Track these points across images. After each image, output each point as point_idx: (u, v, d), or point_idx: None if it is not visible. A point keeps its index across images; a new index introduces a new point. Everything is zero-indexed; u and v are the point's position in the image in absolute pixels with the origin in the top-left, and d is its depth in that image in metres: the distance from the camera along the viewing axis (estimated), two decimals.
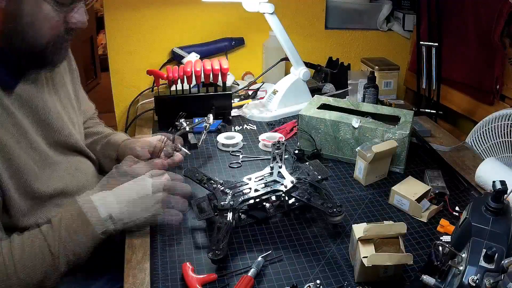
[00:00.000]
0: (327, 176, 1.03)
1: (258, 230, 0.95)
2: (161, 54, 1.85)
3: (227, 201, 0.91)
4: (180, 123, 1.28)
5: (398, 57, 1.98)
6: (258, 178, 1.00)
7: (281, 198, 0.98)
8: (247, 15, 1.54)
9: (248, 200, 0.94)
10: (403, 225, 0.79)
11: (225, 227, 0.86)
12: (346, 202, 1.05)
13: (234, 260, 0.86)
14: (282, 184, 0.96)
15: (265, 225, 0.96)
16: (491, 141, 1.32)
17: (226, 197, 0.93)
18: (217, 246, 0.82)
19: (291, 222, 0.97)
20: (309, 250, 0.89)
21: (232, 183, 0.99)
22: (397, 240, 0.78)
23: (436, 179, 1.09)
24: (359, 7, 1.99)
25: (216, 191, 0.95)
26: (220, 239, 0.84)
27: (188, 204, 0.95)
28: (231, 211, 0.90)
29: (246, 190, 0.96)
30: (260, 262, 0.83)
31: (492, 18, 1.43)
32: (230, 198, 0.92)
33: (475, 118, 1.56)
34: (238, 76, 1.89)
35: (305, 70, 1.56)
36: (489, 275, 0.63)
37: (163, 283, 0.80)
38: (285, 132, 1.39)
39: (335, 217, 0.89)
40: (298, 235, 0.93)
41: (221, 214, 0.90)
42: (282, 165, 1.02)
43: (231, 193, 0.94)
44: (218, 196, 0.94)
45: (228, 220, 0.88)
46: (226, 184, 0.98)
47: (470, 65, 1.59)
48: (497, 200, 0.68)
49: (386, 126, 1.17)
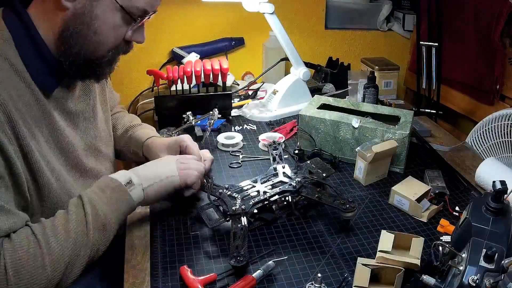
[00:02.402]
0: (332, 173, 1.03)
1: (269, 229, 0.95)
2: (161, 54, 1.85)
3: (238, 206, 0.90)
4: (187, 115, 1.31)
5: (398, 57, 1.98)
6: (264, 180, 0.99)
7: (286, 198, 0.97)
8: (247, 15, 1.54)
9: (259, 202, 0.93)
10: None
11: (241, 232, 0.85)
12: None
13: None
14: (290, 185, 0.96)
15: (274, 226, 0.96)
16: (491, 141, 1.32)
17: (235, 201, 0.92)
18: (238, 252, 0.81)
19: (297, 221, 0.97)
20: (309, 249, 0.89)
21: (238, 187, 0.98)
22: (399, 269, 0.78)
23: (436, 179, 1.09)
24: (359, 7, 1.99)
25: (223, 196, 0.94)
26: (239, 245, 0.83)
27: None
28: (244, 215, 0.89)
29: (254, 193, 0.95)
30: (270, 266, 0.82)
31: (492, 18, 1.43)
32: (240, 202, 0.91)
33: (475, 118, 1.56)
34: (238, 76, 1.89)
35: (305, 70, 1.56)
36: (489, 275, 0.63)
37: (163, 283, 0.80)
38: (285, 132, 1.39)
39: (348, 212, 0.90)
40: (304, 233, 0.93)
41: (233, 219, 0.88)
42: (285, 165, 1.02)
43: (239, 197, 0.93)
44: (227, 201, 0.92)
45: (243, 225, 0.87)
46: (232, 188, 0.96)
47: (470, 65, 1.59)
48: (497, 200, 0.68)
49: (386, 126, 1.17)
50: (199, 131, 1.34)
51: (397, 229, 0.95)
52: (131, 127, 1.19)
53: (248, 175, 1.16)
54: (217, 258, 0.86)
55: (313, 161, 1.07)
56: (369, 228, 0.96)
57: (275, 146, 1.09)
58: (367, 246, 0.90)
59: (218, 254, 0.87)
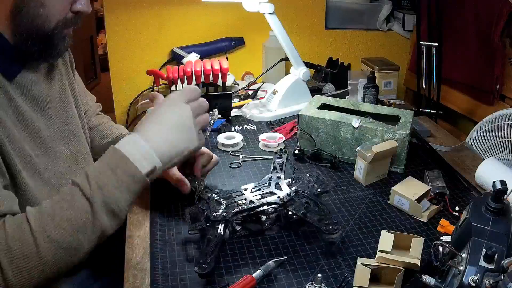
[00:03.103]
0: (327, 189, 0.97)
1: (254, 241, 0.91)
2: (161, 54, 1.85)
3: (220, 212, 0.88)
4: None
5: (398, 57, 1.98)
6: (256, 189, 0.96)
7: (278, 211, 0.94)
8: (247, 15, 1.54)
9: (241, 212, 0.89)
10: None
11: (215, 239, 0.83)
12: (346, 202, 1.05)
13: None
14: (279, 197, 0.91)
15: (261, 237, 0.92)
16: (491, 141, 1.32)
17: (219, 207, 0.89)
18: (205, 259, 0.79)
19: (289, 235, 0.92)
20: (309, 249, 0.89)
21: (228, 192, 0.96)
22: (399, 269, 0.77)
23: (436, 179, 1.09)
24: (359, 7, 1.99)
25: (211, 201, 0.92)
26: (208, 252, 0.80)
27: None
28: (223, 223, 0.86)
29: (241, 201, 0.92)
30: (270, 265, 0.81)
31: (492, 18, 1.43)
32: (223, 209, 0.89)
33: (475, 118, 1.56)
34: (238, 76, 1.89)
35: (305, 70, 1.56)
36: (489, 275, 0.63)
37: (163, 283, 0.80)
38: (285, 132, 1.39)
39: (330, 235, 0.84)
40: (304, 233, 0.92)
41: (213, 226, 0.87)
42: (281, 176, 0.98)
43: (225, 203, 0.90)
44: (212, 206, 0.90)
45: (218, 233, 0.84)
46: (221, 194, 0.94)
47: (470, 65, 1.59)
48: (497, 200, 0.68)
49: (386, 126, 1.17)
50: None
51: (397, 229, 0.95)
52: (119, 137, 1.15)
53: (248, 175, 1.16)
54: None
55: (313, 175, 1.01)
56: (369, 228, 0.96)
57: (280, 155, 1.05)
58: (367, 246, 0.90)
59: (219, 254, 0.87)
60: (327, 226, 0.85)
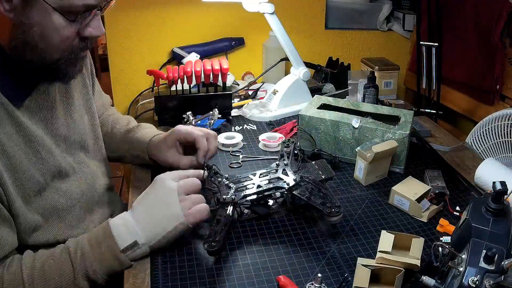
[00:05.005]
0: (331, 176, 1.02)
1: (261, 224, 0.96)
2: (161, 54, 1.85)
3: (229, 195, 0.93)
4: (187, 115, 1.31)
5: (398, 57, 1.98)
6: (263, 175, 1.01)
7: (284, 195, 0.99)
8: (247, 15, 1.54)
9: (249, 195, 0.95)
10: None
11: (224, 219, 0.88)
12: (346, 202, 1.05)
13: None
14: (285, 182, 0.97)
15: (267, 221, 0.97)
16: (491, 141, 1.32)
17: (229, 191, 0.95)
18: (214, 238, 0.83)
19: (295, 219, 0.98)
20: (309, 249, 0.89)
21: (237, 177, 1.00)
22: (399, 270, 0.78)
23: (436, 179, 1.09)
24: (359, 7, 1.99)
25: (221, 185, 0.97)
26: (217, 231, 0.85)
27: None
28: (232, 205, 0.92)
29: (250, 185, 0.97)
30: None
31: (492, 18, 1.43)
32: (232, 193, 0.94)
33: (475, 118, 1.56)
34: (238, 76, 1.89)
35: (305, 70, 1.56)
36: (489, 276, 0.63)
37: (163, 283, 0.81)
38: (285, 132, 1.39)
39: (333, 217, 0.89)
40: (299, 233, 0.93)
41: (222, 208, 0.91)
42: (288, 163, 1.04)
43: (234, 187, 0.96)
44: (222, 190, 0.95)
45: (227, 214, 0.89)
46: (231, 179, 0.99)
47: (470, 65, 1.59)
48: (497, 201, 0.68)
49: (386, 126, 1.17)
50: None
51: (397, 229, 0.95)
52: (128, 131, 1.18)
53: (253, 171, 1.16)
54: None
55: (317, 162, 1.06)
56: (369, 228, 0.96)
57: (288, 144, 1.11)
58: (367, 246, 0.90)
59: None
60: (330, 209, 0.89)
